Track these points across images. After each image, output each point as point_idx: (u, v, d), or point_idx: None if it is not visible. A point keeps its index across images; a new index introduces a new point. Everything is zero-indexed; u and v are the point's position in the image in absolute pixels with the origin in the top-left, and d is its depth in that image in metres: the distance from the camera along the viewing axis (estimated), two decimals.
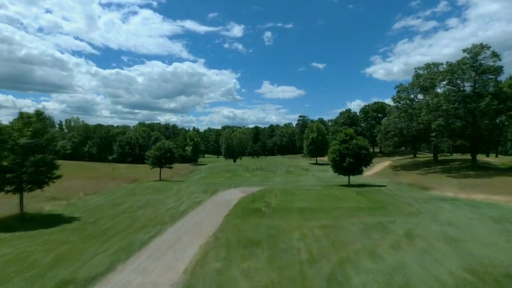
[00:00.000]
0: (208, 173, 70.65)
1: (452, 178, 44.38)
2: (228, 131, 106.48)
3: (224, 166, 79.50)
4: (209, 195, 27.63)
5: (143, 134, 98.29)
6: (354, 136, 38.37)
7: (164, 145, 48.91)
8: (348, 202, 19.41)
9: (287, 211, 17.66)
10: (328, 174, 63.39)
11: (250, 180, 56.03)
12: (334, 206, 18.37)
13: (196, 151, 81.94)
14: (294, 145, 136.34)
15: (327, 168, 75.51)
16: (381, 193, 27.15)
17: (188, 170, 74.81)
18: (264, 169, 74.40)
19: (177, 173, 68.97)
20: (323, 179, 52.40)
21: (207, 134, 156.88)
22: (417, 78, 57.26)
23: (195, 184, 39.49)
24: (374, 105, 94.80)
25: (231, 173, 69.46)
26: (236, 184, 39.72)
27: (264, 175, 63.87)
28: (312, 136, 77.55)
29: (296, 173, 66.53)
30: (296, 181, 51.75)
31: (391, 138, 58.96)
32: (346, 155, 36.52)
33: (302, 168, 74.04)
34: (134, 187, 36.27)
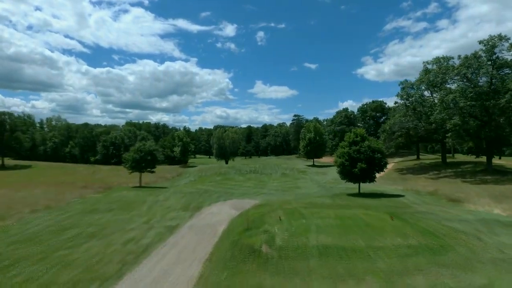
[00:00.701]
0: (197, 176, 63.63)
1: (472, 185, 38.39)
2: (219, 131, 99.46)
3: (215, 169, 72.53)
4: (189, 215, 20.74)
5: (128, 134, 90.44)
6: (365, 136, 31.98)
7: (144, 147, 41.75)
8: (388, 235, 12.89)
9: (302, 255, 11.02)
10: (327, 177, 57.05)
11: (243, 185, 49.28)
12: (372, 244, 11.86)
13: (185, 152, 74.80)
14: (288, 146, 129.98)
15: (325, 170, 69.31)
16: (413, 211, 20.71)
17: (176, 173, 67.61)
18: (258, 171, 67.76)
19: (163, 177, 61.77)
20: (325, 185, 45.91)
21: (198, 134, 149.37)
22: (426, 73, 51.31)
23: (177, 194, 32.48)
24: (372, 104, 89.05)
25: (222, 176, 62.58)
26: (227, 194, 32.94)
27: (258, 179, 57.20)
28: (309, 136, 71.21)
29: (293, 177, 60.05)
30: (295, 186, 45.16)
31: (396, 138, 52.98)
32: (357, 159, 30.10)
33: (299, 170, 67.61)
34: (101, 199, 29.08)
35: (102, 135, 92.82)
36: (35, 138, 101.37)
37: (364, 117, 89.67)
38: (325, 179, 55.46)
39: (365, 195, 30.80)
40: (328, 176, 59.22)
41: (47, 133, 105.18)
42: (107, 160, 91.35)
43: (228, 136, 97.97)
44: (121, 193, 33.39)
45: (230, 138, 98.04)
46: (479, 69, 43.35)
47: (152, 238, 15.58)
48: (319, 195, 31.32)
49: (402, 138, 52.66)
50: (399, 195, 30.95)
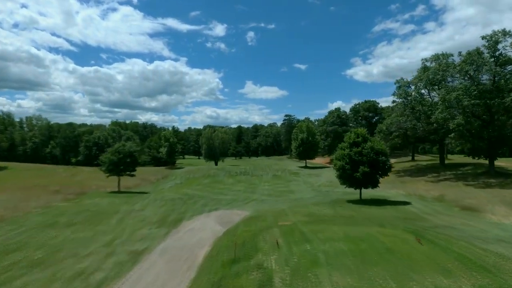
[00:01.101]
0: (184, 179, 59.49)
1: (476, 189, 35.63)
2: (208, 131, 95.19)
3: (203, 170, 68.45)
4: (165, 232, 16.89)
5: (112, 134, 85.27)
6: (367, 137, 28.67)
7: (123, 148, 37.48)
8: (424, 269, 9.42)
9: None
10: (321, 180, 53.79)
11: (233, 189, 45.50)
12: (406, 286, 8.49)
13: (172, 153, 70.41)
14: (279, 146, 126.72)
15: (318, 172, 66.07)
16: (431, 225, 17.38)
17: (161, 175, 63.24)
18: (249, 173, 64.07)
19: (147, 180, 57.38)
20: (320, 189, 42.52)
21: (187, 134, 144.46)
22: (424, 71, 48.59)
23: (157, 202, 28.48)
24: (365, 104, 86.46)
25: (210, 179, 58.62)
26: (214, 201, 29.12)
27: (249, 182, 53.50)
28: (301, 137, 67.89)
29: (285, 178, 56.59)
30: (288, 190, 41.60)
31: (393, 139, 50.08)
32: (359, 162, 26.74)
33: (291, 172, 64.21)
34: (67, 209, 24.84)
35: (84, 135, 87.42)
36: (14, 138, 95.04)
37: (356, 117, 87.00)
38: (318, 181, 52.20)
39: (367, 202, 27.48)
40: (321, 178, 56.02)
41: (27, 133, 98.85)
42: (90, 162, 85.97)
43: (218, 136, 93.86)
44: (93, 201, 29.15)
45: (220, 138, 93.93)
46: (482, 66, 40.72)
47: (108, 270, 11.70)
48: (317, 202, 27.81)
49: (399, 139, 49.81)
50: (404, 202, 27.72)
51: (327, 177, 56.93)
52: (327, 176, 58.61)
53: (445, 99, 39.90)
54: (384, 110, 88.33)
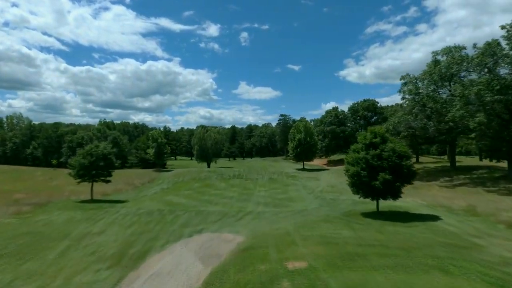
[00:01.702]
0: (172, 183, 53.60)
1: (502, 196, 30.79)
2: (200, 131, 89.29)
3: (194, 173, 62.59)
4: (115, 280, 11.13)
5: (98, 134, 78.77)
6: (387, 137, 23.36)
7: (96, 150, 31.55)
8: None
9: None
10: (321, 184, 48.46)
11: (225, 195, 39.85)
12: None
13: (160, 154, 64.42)
14: (274, 147, 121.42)
15: (317, 175, 60.69)
16: (497, 260, 12.11)
17: (148, 179, 57.16)
18: (243, 176, 58.47)
19: (131, 184, 51.29)
20: (323, 195, 37.14)
21: (179, 134, 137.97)
22: (435, 65, 43.74)
23: (127, 218, 22.66)
24: (364, 103, 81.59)
25: (201, 182, 52.82)
26: (200, 216, 23.44)
27: (243, 186, 47.88)
28: (299, 137, 62.56)
29: (282, 182, 51.11)
30: (287, 198, 36.08)
31: (401, 139, 45.05)
32: (379, 168, 21.41)
33: (288, 175, 58.80)
34: (8, 228, 18.93)
35: (67, 135, 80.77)
36: None
37: (355, 116, 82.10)
38: (319, 186, 46.85)
39: (387, 216, 22.17)
40: (321, 182, 50.73)
41: (6, 133, 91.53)
42: None
43: (210, 136, 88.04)
44: (49, 216, 23.18)
45: (213, 138, 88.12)
46: (503, 58, 35.90)
47: None
48: (326, 216, 22.39)
49: (408, 139, 44.75)
50: (432, 216, 22.48)
51: (327, 181, 51.75)
52: (327, 180, 53.45)
53: (464, 95, 34.93)
54: (384, 109, 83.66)
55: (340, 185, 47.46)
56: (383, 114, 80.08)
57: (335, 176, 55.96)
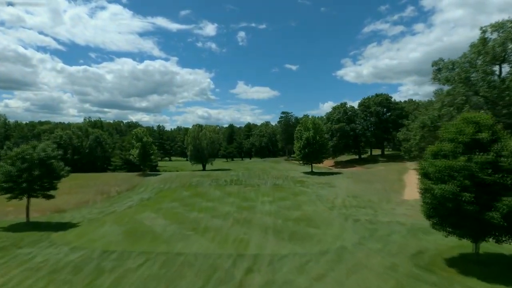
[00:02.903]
0: (156, 191, 43.24)
1: None
2: (195, 129, 78.88)
3: (185, 177, 52.17)
4: None
5: (78, 133, 68.08)
6: (498, 131, 13.12)
7: (32, 152, 21.11)
8: None
9: None
10: (339, 192, 38.32)
11: (219, 209, 29.53)
12: None
13: (146, 156, 54.00)
14: (275, 146, 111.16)
15: (329, 179, 49.85)
16: None
17: (129, 185, 46.63)
18: (242, 181, 48.18)
19: (105, 193, 40.78)
20: (356, 216, 26.68)
21: (174, 133, 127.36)
22: (484, 44, 33.62)
23: (29, 282, 12.06)
24: (376, 98, 71.50)
25: (191, 190, 42.48)
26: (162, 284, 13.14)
27: (242, 196, 37.63)
28: (306, 136, 52.33)
29: (289, 190, 40.85)
30: (303, 217, 25.80)
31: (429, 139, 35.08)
32: (496, 185, 11.30)
33: (295, 180, 48.56)
34: None
35: (44, 134, 69.95)
36: None
37: (366, 113, 72.00)
38: (337, 195, 36.66)
39: (502, 273, 11.95)
40: (338, 190, 40.40)
41: None
42: None
43: (206, 135, 77.66)
44: None
45: (208, 138, 77.73)
46: None
47: None
48: (391, 270, 12.16)
49: None
50: None
51: (345, 189, 41.40)
52: (344, 187, 43.10)
53: None
54: (399, 104, 73.63)
55: (363, 194, 37.18)
56: (397, 110, 70.11)
57: (352, 181, 45.90)
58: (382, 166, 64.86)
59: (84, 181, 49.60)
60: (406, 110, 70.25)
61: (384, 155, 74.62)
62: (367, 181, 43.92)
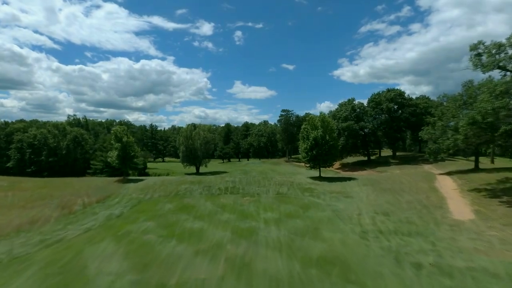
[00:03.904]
0: (132, 203, 34.48)
1: None
2: (188, 128, 70.23)
3: (172, 184, 43.40)
4: None
5: (54, 132, 58.96)
6: None
7: None
8: None
9: None
10: (361, 207, 29.78)
11: (206, 236, 20.34)
12: None
13: (127, 159, 45.06)
14: (274, 147, 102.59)
15: (342, 187, 38.42)
16: None
17: (100, 195, 37.70)
18: (239, 189, 39.57)
19: (67, 206, 31.80)
20: (408, 253, 17.96)
21: (168, 133, 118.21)
22: None
23: None
24: (388, 94, 63.14)
25: (176, 202, 33.81)
26: None
27: (239, 210, 29.03)
28: (314, 135, 43.82)
29: (298, 202, 32.25)
30: (327, 250, 17.26)
31: (501, 133, 26.82)
32: None
33: (303, 188, 40.05)
34: None
35: (17, 134, 60.78)
36: None
37: (377, 110, 63.61)
38: (360, 211, 28.06)
39: None
40: (359, 203, 31.68)
41: None
42: (23, 169, 59.49)
43: (199, 135, 69.02)
44: None
45: (202, 137, 69.10)
46: None
47: None
48: None
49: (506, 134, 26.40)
50: None
51: (366, 200, 32.49)
52: (364, 198, 34.16)
53: None
54: (414, 100, 65.26)
55: (395, 210, 27.43)
56: (411, 107, 61.78)
57: (371, 190, 37.42)
58: (397, 169, 56.51)
59: (51, 189, 40.66)
60: (420, 107, 62.04)
61: (396, 157, 66.35)
62: (391, 190, 35.43)
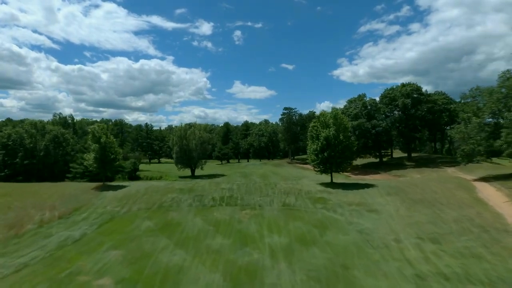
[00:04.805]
0: (104, 219, 27.18)
1: None
2: (182, 128, 63.05)
3: (157, 192, 36.04)
4: None
5: (32, 131, 51.75)
6: None
7: None
8: None
9: None
10: (395, 227, 22.29)
11: (188, 276, 13.85)
12: None
13: (106, 162, 37.65)
14: (275, 147, 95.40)
15: (361, 197, 30.90)
16: None
17: (69, 207, 30.37)
18: (237, 199, 32.34)
19: (19, 224, 24.62)
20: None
21: (164, 133, 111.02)
22: None
23: None
24: (404, 88, 55.86)
25: (158, 218, 26.48)
26: None
27: (236, 233, 21.75)
28: (326, 135, 36.61)
29: (310, 219, 25.01)
30: None
31: None
32: None
33: (312, 196, 32.79)
34: None
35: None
36: None
37: (391, 106, 56.37)
38: (396, 234, 20.80)
39: None
40: (389, 219, 24.37)
41: None
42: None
43: (195, 134, 61.80)
44: None
45: (198, 137, 61.88)
46: None
47: None
48: None
49: None
50: None
51: (396, 216, 24.59)
52: (393, 213, 26.14)
53: None
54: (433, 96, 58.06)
55: (444, 233, 19.76)
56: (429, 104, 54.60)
57: (398, 201, 30.02)
58: (416, 173, 49.31)
59: (13, 198, 33.34)
60: (439, 103, 54.90)
61: (411, 158, 59.13)
62: (425, 203, 28.16)
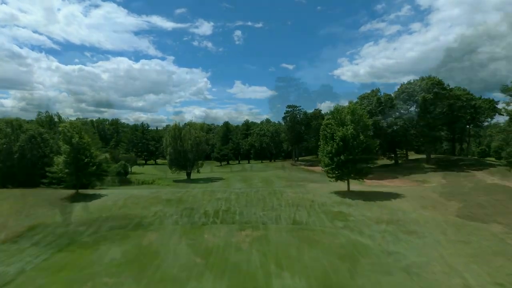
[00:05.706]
0: (62, 244, 20.51)
1: None
2: (176, 127, 56.41)
3: (138, 204, 29.22)
4: None
5: (7, 130, 45.06)
6: None
7: None
8: None
9: None
10: (454, 264, 15.92)
11: None
12: None
13: (80, 167, 30.86)
14: (278, 148, 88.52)
15: (388, 209, 23.50)
16: None
17: (22, 226, 23.69)
18: (235, 214, 25.52)
19: None
20: None
21: (160, 133, 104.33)
22: None
23: None
24: (423, 82, 48.86)
25: (131, 244, 19.32)
26: None
27: (231, 270, 14.58)
28: (342, 133, 29.86)
29: (332, 245, 18.18)
30: None
31: None
32: None
33: (328, 210, 26.00)
34: None
35: None
36: None
37: (410, 101, 49.40)
38: (449, 267, 13.96)
39: None
40: (442, 250, 17.19)
41: None
42: None
43: (190, 134, 55.19)
44: None
45: (193, 137, 55.29)
46: None
47: None
48: None
49: None
50: None
51: (444, 240, 17.57)
52: (437, 234, 19.83)
53: None
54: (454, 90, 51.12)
55: None
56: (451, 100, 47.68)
57: (441, 217, 23.13)
58: (440, 178, 42.37)
59: None
60: (463, 99, 48.00)
61: (430, 160, 52.21)
62: (475, 220, 21.37)
